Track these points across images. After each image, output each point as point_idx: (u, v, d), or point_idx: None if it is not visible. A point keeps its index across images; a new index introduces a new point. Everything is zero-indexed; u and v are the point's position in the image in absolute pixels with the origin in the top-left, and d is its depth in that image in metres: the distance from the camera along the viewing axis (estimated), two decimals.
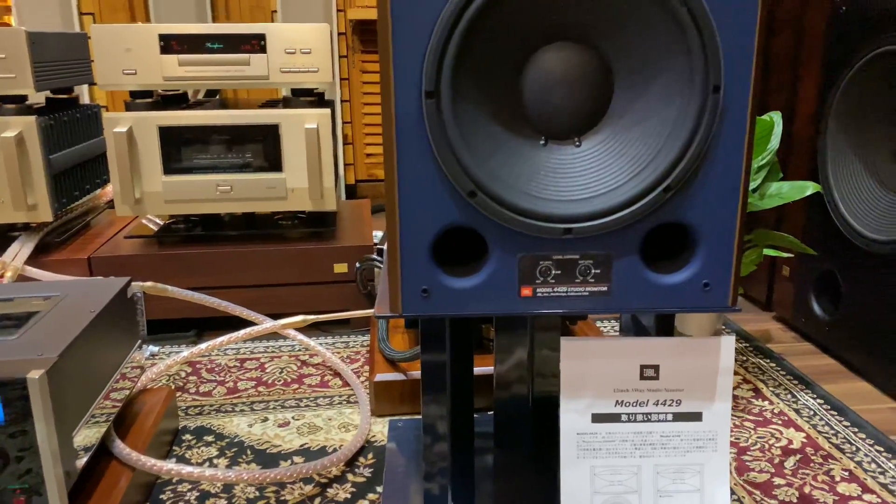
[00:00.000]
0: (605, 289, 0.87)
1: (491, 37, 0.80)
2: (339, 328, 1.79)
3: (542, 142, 0.85)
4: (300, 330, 1.62)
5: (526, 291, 0.87)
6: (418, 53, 0.79)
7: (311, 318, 1.42)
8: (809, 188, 1.35)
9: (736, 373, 1.54)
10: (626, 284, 0.87)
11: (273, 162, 1.66)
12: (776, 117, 1.55)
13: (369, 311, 1.55)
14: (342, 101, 2.79)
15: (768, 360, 1.58)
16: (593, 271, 0.87)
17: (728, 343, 0.94)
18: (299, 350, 1.67)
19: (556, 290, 0.87)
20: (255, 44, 1.60)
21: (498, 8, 0.78)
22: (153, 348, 1.65)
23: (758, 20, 0.79)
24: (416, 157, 0.82)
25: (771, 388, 1.44)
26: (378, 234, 2.48)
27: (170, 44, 1.57)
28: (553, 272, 0.87)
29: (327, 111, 1.64)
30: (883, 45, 1.37)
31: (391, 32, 0.79)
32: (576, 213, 0.84)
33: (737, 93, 0.81)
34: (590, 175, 0.85)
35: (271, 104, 1.75)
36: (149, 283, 1.44)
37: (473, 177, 0.82)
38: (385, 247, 0.89)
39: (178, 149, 1.63)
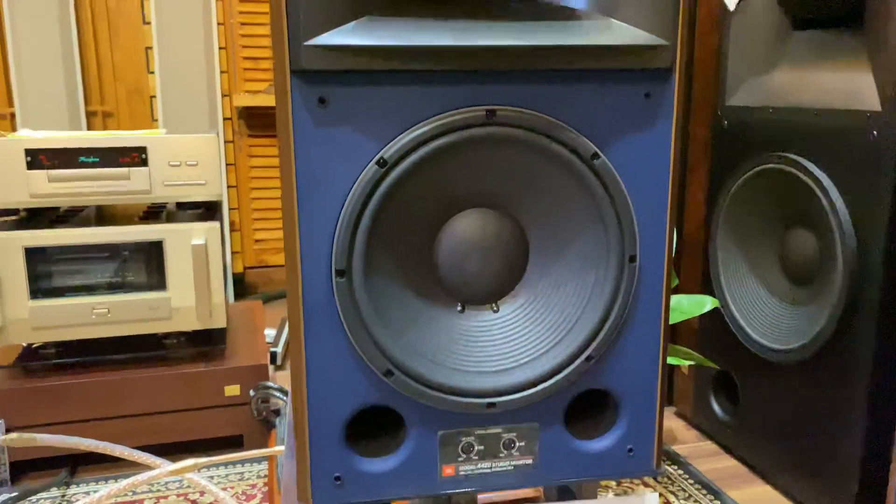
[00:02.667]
0: (530, 461, 0.83)
1: (404, 208, 0.75)
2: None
3: (458, 308, 0.81)
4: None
5: (448, 470, 0.81)
6: (327, 231, 0.73)
7: (203, 461, 1.30)
8: (708, 303, 1.38)
9: (647, 484, 1.53)
10: (551, 455, 0.83)
11: (156, 280, 1.53)
12: None
13: (267, 451, 1.44)
14: (228, 188, 2.67)
15: (675, 467, 1.58)
16: (518, 444, 0.82)
17: (652, 500, 0.91)
18: (188, 488, 1.52)
19: (479, 466, 0.82)
20: (136, 157, 1.49)
21: (411, 181, 0.74)
22: (12, 495, 1.46)
23: (669, 194, 0.79)
24: (325, 337, 0.75)
25: (682, 501, 1.44)
26: (270, 333, 2.36)
27: (38, 158, 1.44)
28: (476, 448, 0.82)
29: (216, 224, 1.54)
30: (762, 164, 1.44)
31: (297, 210, 0.73)
32: (498, 385, 0.80)
33: (652, 261, 0.80)
34: (511, 343, 0.81)
35: (155, 214, 1.63)
36: (13, 435, 1.27)
37: (389, 355, 0.76)
38: (289, 407, 0.81)
39: (48, 270, 1.48)
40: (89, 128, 2.48)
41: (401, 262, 0.77)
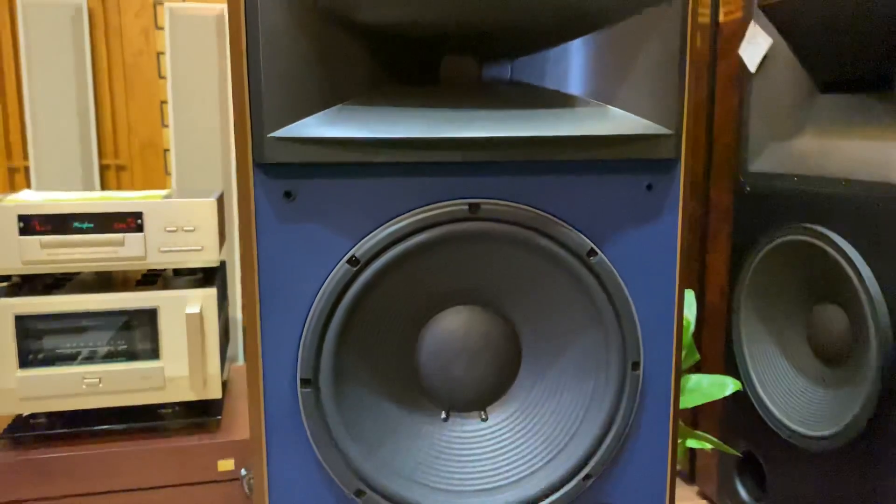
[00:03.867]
0: None
1: (379, 309, 0.68)
2: None
3: (442, 417, 0.73)
4: None
5: None
6: (293, 335, 0.67)
7: None
8: (729, 386, 1.29)
9: None
10: None
11: (149, 349, 1.48)
12: (689, 296, 1.49)
13: None
14: None
15: None
16: None
17: None
18: None
19: None
20: (132, 222, 1.44)
21: (387, 280, 0.67)
22: None
23: (676, 293, 0.71)
24: (290, 453, 0.68)
25: None
26: None
27: (31, 224, 1.40)
28: None
29: (213, 291, 1.48)
30: (787, 235, 1.35)
31: (259, 312, 0.66)
32: None
33: (658, 367, 0.72)
34: (500, 458, 0.73)
35: (152, 278, 1.59)
36: None
37: (361, 474, 0.68)
38: None
39: (38, 338, 1.43)
40: (102, 181, 2.48)
41: (377, 368, 0.70)
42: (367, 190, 0.66)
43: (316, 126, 0.63)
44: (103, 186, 2.53)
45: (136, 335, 1.48)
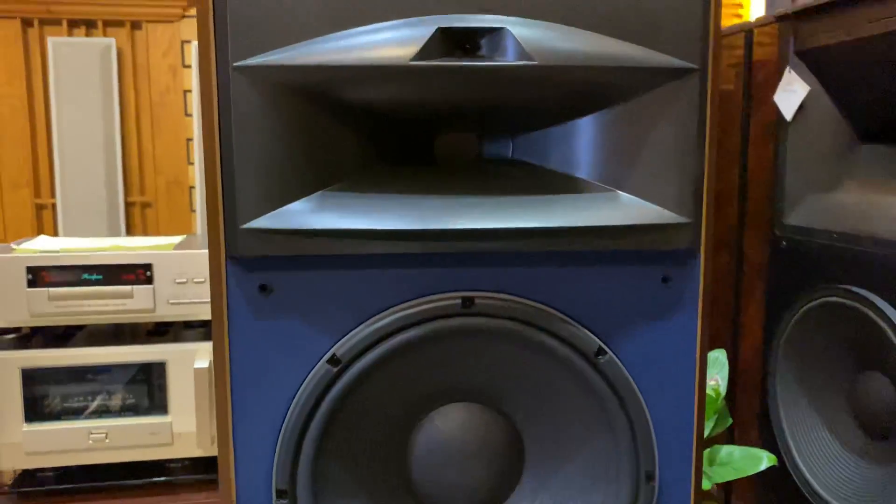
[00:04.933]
0: None
1: (364, 411, 0.62)
2: None
3: None
4: None
5: None
6: (268, 441, 0.61)
7: None
8: (764, 460, 1.19)
9: None
10: None
11: (157, 403, 1.44)
12: (721, 356, 1.40)
13: None
14: None
15: None
16: None
17: None
18: None
19: None
20: (141, 273, 1.41)
21: (372, 380, 0.61)
22: None
23: (696, 396, 0.64)
24: None
25: None
26: None
27: (39, 275, 1.37)
28: None
29: None
30: (826, 296, 1.26)
31: (231, 416, 0.60)
32: None
33: (676, 479, 0.65)
34: None
35: (162, 330, 1.55)
36: None
37: None
38: None
39: (45, 391, 1.40)
40: (128, 218, 2.48)
41: (362, 477, 0.64)
42: (350, 282, 0.60)
43: (295, 216, 0.58)
44: (129, 224, 2.53)
45: (144, 389, 1.44)
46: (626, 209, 0.60)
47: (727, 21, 2.70)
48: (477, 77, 0.57)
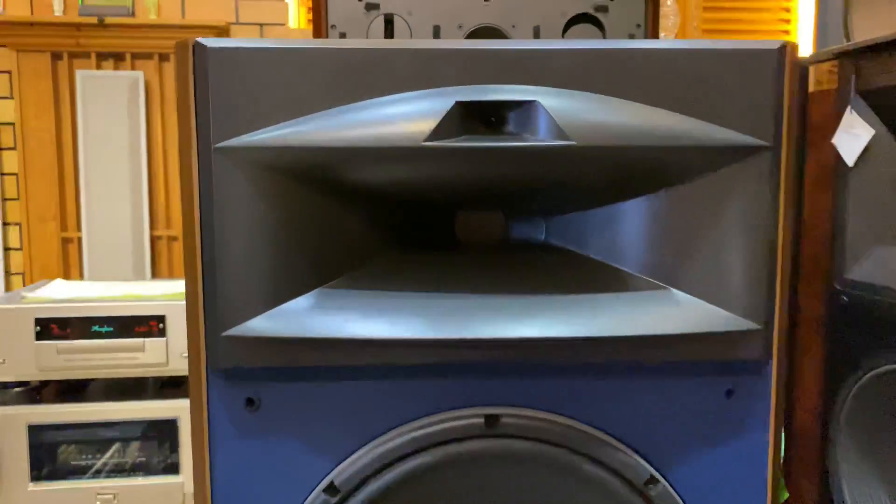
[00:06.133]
0: None
1: None
2: None
3: None
4: None
5: None
6: None
7: None
8: None
9: None
10: None
11: (169, 462, 1.36)
12: None
13: None
14: None
15: None
16: None
17: None
18: None
19: None
20: (154, 325, 1.34)
21: None
22: None
23: None
24: None
25: None
26: None
27: (48, 328, 1.31)
28: None
29: None
30: (891, 362, 1.13)
31: None
32: None
33: None
34: None
35: (176, 382, 1.48)
36: None
37: None
38: None
39: (52, 449, 1.33)
40: (153, 252, 2.43)
41: None
42: (352, 396, 0.51)
43: (287, 320, 0.49)
44: (154, 258, 2.49)
45: (155, 447, 1.36)
46: (683, 312, 0.50)
47: (772, 34, 2.57)
48: (503, 158, 0.48)
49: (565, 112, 0.47)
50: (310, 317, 0.49)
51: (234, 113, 0.47)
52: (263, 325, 0.49)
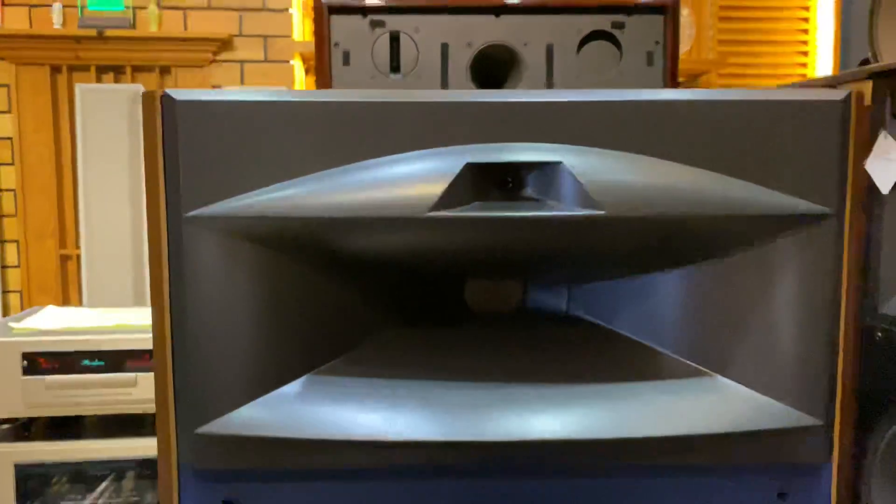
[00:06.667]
0: None
1: None
2: None
3: None
4: None
5: None
6: None
7: None
8: None
9: None
10: None
11: None
12: None
13: None
14: None
15: None
16: None
17: None
18: None
19: None
20: (146, 359, 1.28)
21: None
22: None
23: None
24: None
25: None
26: None
27: (36, 362, 1.25)
28: None
29: None
30: None
31: None
32: None
33: None
34: None
35: None
36: None
37: None
38: None
39: (40, 489, 1.27)
40: None
41: None
42: (344, 499, 0.44)
43: (270, 414, 0.42)
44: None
45: (150, 486, 1.30)
46: (731, 405, 0.43)
47: (790, 58, 2.49)
48: (521, 229, 0.41)
49: (594, 175, 0.40)
50: (297, 411, 0.42)
51: (208, 176, 0.41)
52: (243, 420, 0.42)
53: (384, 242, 0.42)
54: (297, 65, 2.38)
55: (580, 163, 0.41)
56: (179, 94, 0.41)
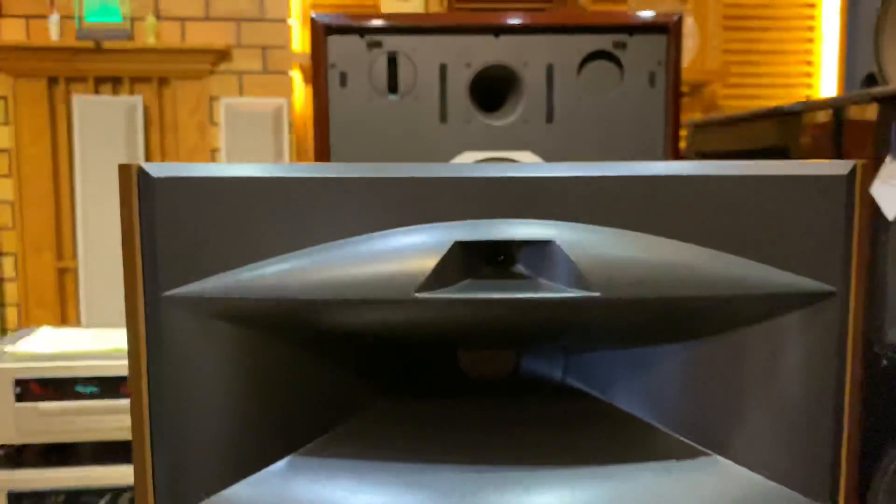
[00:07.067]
0: None
1: None
2: None
3: None
4: None
5: None
6: None
7: None
8: None
9: None
10: None
11: None
12: None
13: None
14: None
15: None
16: None
17: None
18: None
19: None
20: None
21: None
22: None
23: None
24: None
25: None
26: None
27: (28, 388, 1.24)
28: None
29: None
30: None
31: None
32: None
33: None
34: None
35: None
36: None
37: None
38: None
39: None
40: None
41: None
42: None
43: (252, 495, 0.41)
44: None
45: None
46: (730, 489, 0.41)
47: (795, 67, 2.47)
48: (512, 309, 0.39)
49: (588, 253, 0.39)
50: (282, 493, 0.41)
51: (188, 254, 0.39)
52: (225, 503, 0.40)
53: (370, 321, 0.40)
54: (297, 76, 2.37)
55: (574, 240, 0.39)
56: (157, 169, 0.39)
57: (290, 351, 0.42)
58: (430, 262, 0.38)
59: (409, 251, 0.39)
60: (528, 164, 0.40)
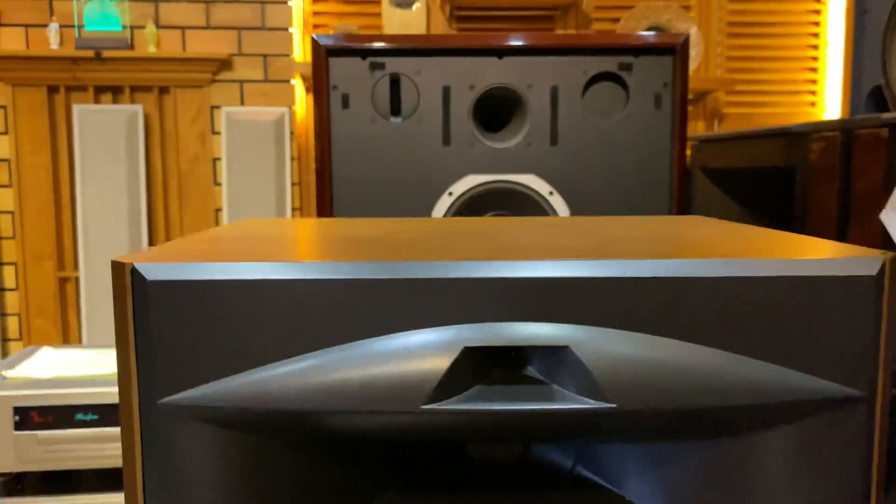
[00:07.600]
0: None
1: None
2: None
3: None
4: None
5: None
6: None
7: None
8: None
9: None
10: None
11: None
12: None
13: None
14: None
15: None
16: None
17: None
18: None
19: None
20: None
21: None
22: None
23: None
24: None
25: None
26: None
27: (28, 417, 1.22)
28: None
29: None
30: None
31: None
32: None
33: None
34: None
35: None
36: None
37: None
38: None
39: None
40: None
41: None
42: None
43: None
44: None
45: None
46: None
47: (798, 80, 2.43)
48: (522, 418, 0.38)
49: (604, 361, 0.37)
50: None
51: (185, 359, 0.38)
52: None
53: (374, 429, 0.39)
54: (298, 84, 2.35)
55: (589, 345, 0.37)
56: (151, 270, 0.38)
57: (292, 454, 0.40)
58: (437, 371, 0.37)
59: (415, 358, 0.37)
60: (542, 262, 0.38)
